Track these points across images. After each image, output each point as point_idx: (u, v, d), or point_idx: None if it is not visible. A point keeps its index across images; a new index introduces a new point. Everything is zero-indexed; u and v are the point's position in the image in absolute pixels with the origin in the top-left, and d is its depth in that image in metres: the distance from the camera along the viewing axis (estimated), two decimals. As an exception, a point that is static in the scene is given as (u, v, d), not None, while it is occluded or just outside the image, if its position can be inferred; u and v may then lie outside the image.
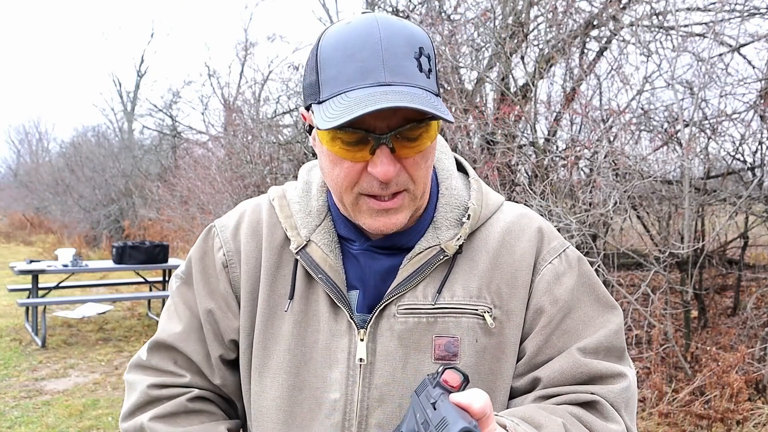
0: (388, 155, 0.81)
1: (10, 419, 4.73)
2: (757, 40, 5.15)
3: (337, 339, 0.91)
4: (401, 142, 0.82)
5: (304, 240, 0.94)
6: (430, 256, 0.91)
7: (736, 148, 5.72)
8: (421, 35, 0.84)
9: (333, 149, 0.83)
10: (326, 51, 0.82)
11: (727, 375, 4.13)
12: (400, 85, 0.78)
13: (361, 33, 0.80)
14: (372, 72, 0.78)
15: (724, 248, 6.45)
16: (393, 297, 0.90)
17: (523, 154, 5.69)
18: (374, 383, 0.89)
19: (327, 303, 0.92)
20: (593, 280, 0.96)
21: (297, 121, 8.82)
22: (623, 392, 0.89)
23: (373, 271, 0.93)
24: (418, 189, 0.87)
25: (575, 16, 5.79)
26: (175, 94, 18.35)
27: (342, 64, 0.80)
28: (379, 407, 0.88)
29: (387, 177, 0.81)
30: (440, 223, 0.94)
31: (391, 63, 0.79)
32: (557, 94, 6.04)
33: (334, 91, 0.80)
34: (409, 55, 0.81)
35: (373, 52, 0.79)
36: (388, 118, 0.80)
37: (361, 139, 0.81)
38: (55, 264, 7.41)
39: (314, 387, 0.91)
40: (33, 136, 34.77)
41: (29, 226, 21.91)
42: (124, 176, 16.48)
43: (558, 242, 0.97)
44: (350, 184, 0.85)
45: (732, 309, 5.98)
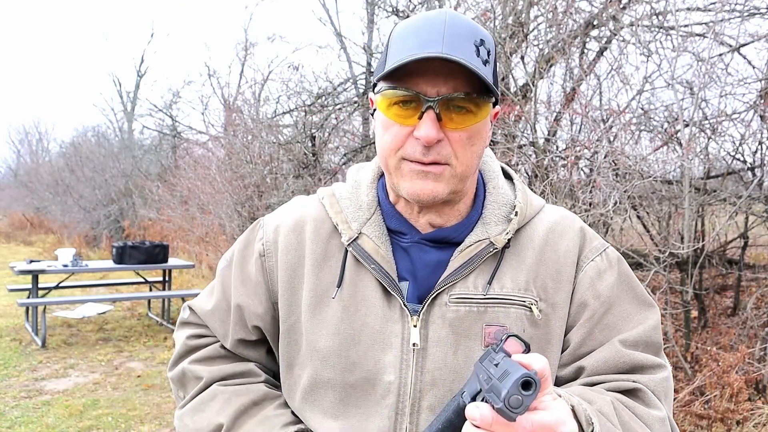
0: (433, 120, 0.87)
1: (10, 419, 4.73)
2: (757, 40, 5.16)
3: (391, 324, 0.94)
4: (449, 114, 0.88)
5: (355, 233, 0.98)
6: (480, 248, 0.96)
7: (736, 148, 5.72)
8: (487, 35, 0.91)
9: (387, 113, 0.90)
10: (396, 32, 0.92)
11: (727, 375, 4.13)
12: (455, 57, 0.84)
13: (429, 18, 0.89)
14: (431, 44, 0.85)
15: (724, 248, 6.45)
16: (445, 286, 0.94)
17: (523, 154, 5.69)
18: (426, 367, 0.92)
19: (378, 290, 0.96)
20: (632, 278, 1.01)
21: (297, 121, 8.82)
22: (663, 381, 0.93)
23: (423, 263, 0.97)
24: (459, 167, 0.91)
25: (575, 16, 5.79)
26: (175, 94, 18.40)
27: (406, 38, 0.88)
28: (431, 390, 0.92)
29: (429, 139, 0.86)
30: (489, 219, 0.99)
31: (450, 40, 0.85)
32: (557, 94, 6.05)
33: (395, 59, 0.87)
34: (469, 39, 0.87)
35: (435, 29, 0.86)
36: (438, 86, 0.86)
37: (413, 103, 0.88)
38: (55, 264, 7.41)
39: (366, 368, 0.94)
40: (33, 136, 34.78)
41: (29, 226, 21.92)
42: (124, 176, 16.48)
43: (599, 242, 1.03)
44: (396, 147, 0.91)
45: (732, 309, 5.98)
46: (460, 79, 0.87)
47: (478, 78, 0.86)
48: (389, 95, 0.89)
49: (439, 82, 0.86)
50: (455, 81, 0.87)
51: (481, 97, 0.88)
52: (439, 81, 0.86)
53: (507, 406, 0.57)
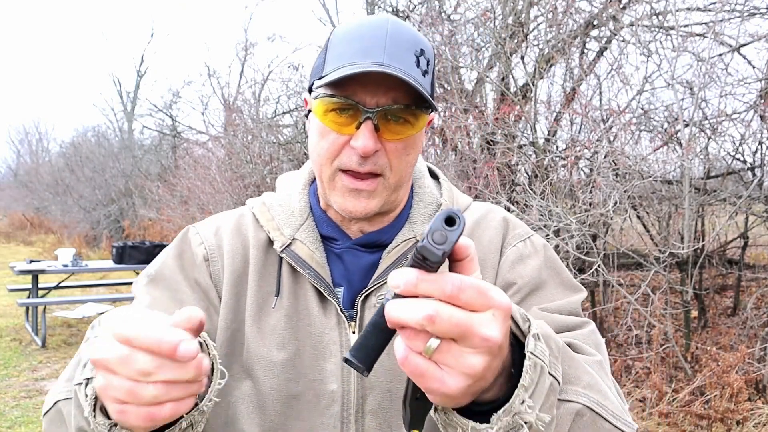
0: (371, 131, 0.86)
1: (10, 419, 4.73)
2: (757, 40, 5.15)
3: (329, 332, 0.93)
4: (387, 124, 0.88)
5: (288, 239, 0.97)
6: (407, 248, 0.96)
7: (736, 148, 5.72)
8: (427, 44, 0.92)
9: (324, 120, 0.89)
10: (336, 36, 0.92)
11: (727, 375, 4.13)
12: (395, 68, 0.84)
13: (372, 24, 0.89)
14: (372, 52, 0.86)
15: (724, 248, 6.45)
16: (372, 288, 0.94)
17: (523, 154, 5.69)
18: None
19: (316, 298, 0.95)
20: (558, 264, 1.01)
21: (297, 121, 8.82)
22: (591, 334, 0.91)
23: (357, 269, 0.97)
24: (393, 178, 0.91)
25: (575, 16, 5.79)
26: (175, 94, 18.37)
27: (347, 44, 0.88)
28: (371, 395, 0.91)
29: (366, 150, 0.86)
30: (415, 218, 0.99)
31: (392, 50, 0.86)
32: (557, 94, 6.05)
33: (336, 66, 0.87)
34: (410, 50, 0.88)
35: (377, 37, 0.87)
36: (377, 96, 0.86)
37: (351, 111, 0.87)
38: (55, 264, 7.41)
39: (310, 379, 0.93)
40: (33, 136, 34.79)
41: (29, 226, 21.92)
42: (124, 176, 16.49)
43: (523, 229, 1.03)
44: (332, 155, 0.90)
45: (732, 309, 5.98)
46: (399, 90, 0.87)
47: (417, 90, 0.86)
48: (327, 102, 0.88)
49: (379, 92, 0.86)
50: (395, 92, 0.86)
51: (419, 109, 0.88)
52: (379, 92, 0.86)
53: (430, 242, 0.53)
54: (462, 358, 0.55)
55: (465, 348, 0.55)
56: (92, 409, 0.67)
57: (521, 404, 0.62)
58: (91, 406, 0.67)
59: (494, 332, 0.54)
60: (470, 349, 0.55)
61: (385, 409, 0.91)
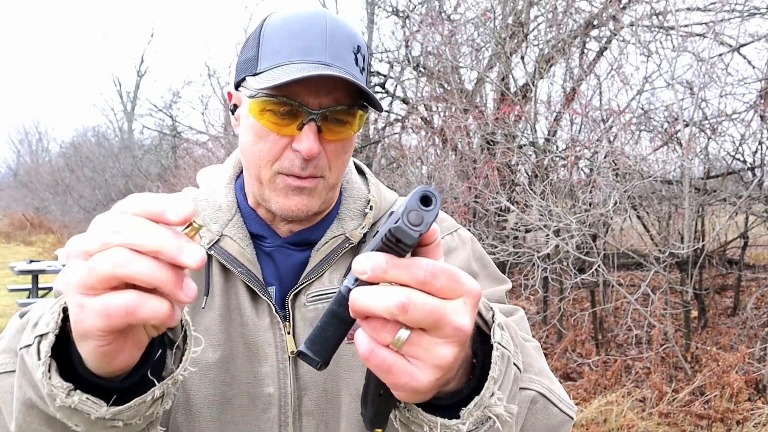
0: (315, 133, 0.84)
1: (10, 419, 4.74)
2: (757, 40, 5.16)
3: (263, 333, 0.90)
4: (328, 125, 0.85)
5: (216, 234, 0.92)
6: (336, 244, 0.94)
7: (736, 148, 5.72)
8: (361, 38, 0.91)
9: (261, 121, 0.85)
10: (270, 28, 0.87)
11: (727, 375, 4.13)
12: (339, 68, 0.83)
13: (308, 17, 0.86)
14: (314, 51, 0.83)
15: (724, 248, 6.45)
16: (301, 287, 0.91)
17: (523, 154, 5.69)
18: (299, 373, 0.89)
19: (248, 297, 0.91)
20: (485, 257, 1.01)
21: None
22: (522, 320, 0.92)
23: (287, 267, 0.94)
24: (332, 178, 0.90)
25: (575, 16, 5.80)
26: (175, 94, 18.40)
27: (285, 39, 0.85)
28: (306, 395, 0.89)
29: (311, 153, 0.84)
30: (344, 215, 0.97)
31: (333, 48, 0.84)
32: (557, 94, 6.05)
33: (274, 63, 0.84)
34: (349, 48, 0.87)
35: (317, 34, 0.84)
36: (320, 97, 0.84)
37: (291, 112, 0.84)
38: (55, 264, 7.42)
39: (245, 382, 0.89)
40: (33, 136, 34.84)
41: (29, 226, 21.92)
42: (124, 176, 16.50)
43: (450, 223, 1.03)
44: (272, 158, 0.87)
45: (732, 309, 5.98)
46: (341, 90, 0.85)
47: (358, 89, 0.85)
48: (265, 102, 0.84)
49: (321, 93, 0.84)
50: (337, 93, 0.85)
51: (359, 108, 0.87)
52: (321, 92, 0.84)
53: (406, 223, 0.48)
54: (434, 350, 0.51)
55: (436, 338, 0.51)
56: (47, 369, 0.57)
57: (491, 397, 0.60)
58: (45, 366, 0.57)
59: (466, 321, 0.51)
60: (442, 340, 0.51)
61: (321, 409, 0.89)
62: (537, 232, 5.38)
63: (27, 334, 0.63)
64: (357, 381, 0.89)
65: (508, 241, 4.99)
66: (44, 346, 0.57)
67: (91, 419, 0.57)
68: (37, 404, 0.62)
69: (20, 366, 0.63)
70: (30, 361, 0.60)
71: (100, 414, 0.57)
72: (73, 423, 0.59)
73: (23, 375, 0.63)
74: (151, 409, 0.61)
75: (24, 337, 0.63)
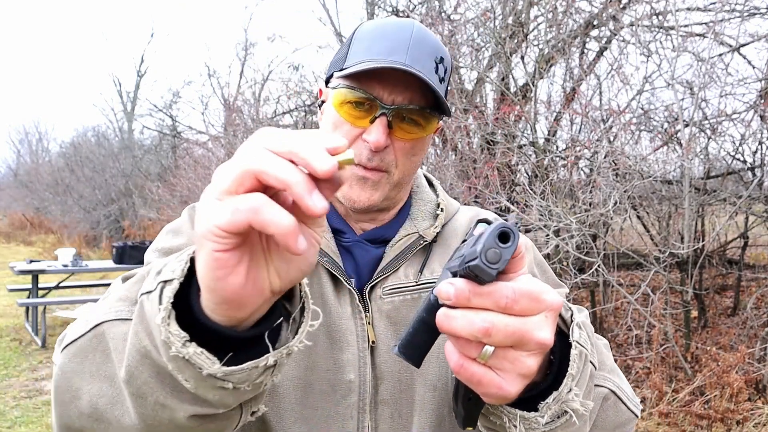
0: (385, 127, 0.89)
1: (10, 419, 4.73)
2: (757, 40, 5.16)
3: (345, 321, 0.93)
4: (400, 123, 0.90)
5: None
6: (411, 241, 0.98)
7: (736, 148, 5.72)
8: (447, 53, 0.96)
9: (340, 111, 0.91)
10: (362, 32, 0.95)
11: (727, 375, 4.13)
12: (417, 71, 0.87)
13: (398, 25, 0.93)
14: (396, 52, 0.89)
15: (724, 248, 6.45)
16: (377, 280, 0.95)
17: (523, 154, 5.69)
18: (377, 362, 0.92)
19: (331, 286, 0.94)
20: (544, 263, 1.07)
21: (297, 121, 8.82)
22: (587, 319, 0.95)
23: (365, 261, 0.98)
24: (397, 175, 0.94)
25: (575, 16, 5.79)
26: (175, 94, 18.40)
27: (372, 41, 0.92)
28: (383, 384, 0.92)
29: (378, 145, 0.88)
30: (416, 215, 1.03)
31: (414, 52, 0.89)
32: (557, 94, 6.05)
33: (359, 60, 0.90)
34: (431, 56, 0.91)
35: (402, 40, 0.90)
36: (395, 94, 0.89)
37: (367, 105, 0.89)
38: (55, 264, 7.41)
39: (324, 368, 0.91)
40: (33, 136, 34.81)
41: (29, 226, 21.92)
42: (124, 176, 16.49)
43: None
44: None
45: (732, 309, 5.98)
46: (416, 91, 0.89)
47: (433, 94, 0.89)
48: (345, 93, 0.90)
49: (396, 90, 0.89)
50: (411, 93, 0.89)
51: (432, 112, 0.91)
52: (396, 90, 0.89)
53: (484, 261, 0.51)
54: (518, 362, 0.55)
55: (521, 352, 0.55)
56: (167, 315, 0.55)
57: (568, 393, 0.64)
58: (166, 311, 0.55)
59: (547, 334, 0.55)
60: (526, 353, 0.55)
61: (395, 398, 0.92)
62: (537, 232, 5.38)
63: (149, 282, 0.61)
64: (431, 372, 0.93)
65: (508, 241, 4.98)
66: (167, 291, 0.56)
67: (202, 375, 0.56)
68: (151, 353, 0.60)
69: (138, 312, 0.61)
70: (150, 307, 0.59)
71: (212, 371, 0.55)
72: (183, 377, 0.57)
73: (140, 322, 0.61)
74: (262, 377, 0.59)
75: (146, 284, 0.62)
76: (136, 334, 0.61)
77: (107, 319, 0.70)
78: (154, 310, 0.57)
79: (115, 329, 0.69)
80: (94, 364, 0.70)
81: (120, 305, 0.71)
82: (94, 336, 0.70)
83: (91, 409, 0.69)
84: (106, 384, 0.69)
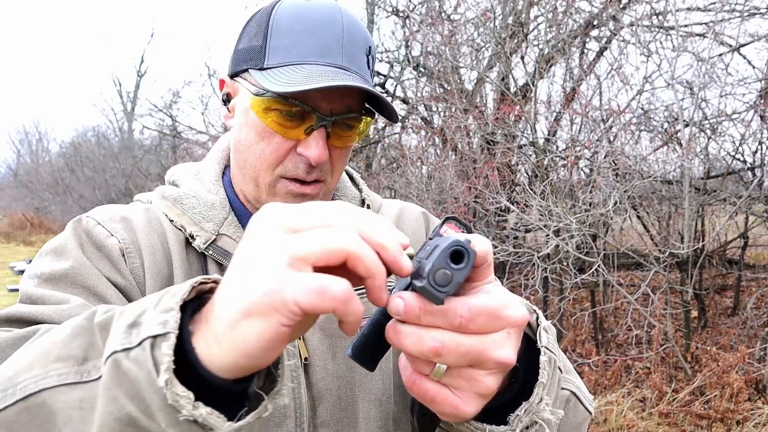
0: (324, 138, 0.81)
1: (10, 419, 4.73)
2: (757, 40, 5.16)
3: None
4: (337, 131, 0.82)
5: (212, 234, 0.85)
6: None
7: (736, 148, 5.72)
8: (371, 38, 0.88)
9: (265, 120, 0.80)
10: (282, 20, 0.81)
11: (727, 375, 4.13)
12: (354, 73, 0.81)
13: (324, 13, 0.81)
14: (330, 52, 0.80)
15: (724, 248, 6.45)
16: None
17: (523, 154, 5.69)
18: (312, 381, 0.83)
19: None
20: None
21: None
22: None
23: None
24: (333, 183, 0.88)
25: (575, 16, 5.80)
26: (175, 94, 18.40)
27: (299, 35, 0.80)
28: (321, 405, 0.83)
29: (320, 160, 0.80)
30: None
31: (349, 50, 0.81)
32: (557, 94, 6.05)
33: (287, 60, 0.79)
34: (363, 49, 0.84)
35: (334, 34, 0.80)
36: (333, 103, 0.80)
37: (301, 115, 0.80)
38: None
39: None
40: (33, 136, 34.85)
41: (29, 226, 21.92)
42: (124, 176, 16.51)
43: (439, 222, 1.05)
44: (275, 162, 0.82)
45: (732, 309, 5.98)
46: (353, 96, 0.82)
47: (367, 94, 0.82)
48: (273, 102, 0.79)
49: (334, 99, 0.80)
50: (349, 99, 0.81)
51: (367, 115, 0.84)
52: (334, 98, 0.80)
53: (432, 284, 0.46)
54: (475, 381, 0.51)
55: (478, 371, 0.51)
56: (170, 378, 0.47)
57: (539, 403, 0.59)
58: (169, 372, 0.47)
59: (508, 353, 0.50)
60: (484, 371, 0.51)
61: (336, 418, 0.84)
62: (537, 232, 5.38)
63: (118, 336, 0.51)
64: (375, 386, 0.86)
65: (508, 241, 4.99)
66: (164, 348, 0.48)
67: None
68: (138, 421, 0.50)
69: (113, 375, 0.50)
70: (134, 367, 0.49)
71: (224, 430, 0.49)
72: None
73: (118, 385, 0.50)
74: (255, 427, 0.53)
75: (113, 340, 0.51)
76: (114, 400, 0.50)
77: (48, 387, 0.53)
78: (143, 371, 0.49)
79: (63, 397, 0.53)
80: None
81: (60, 366, 0.54)
82: (25, 409, 0.53)
83: None
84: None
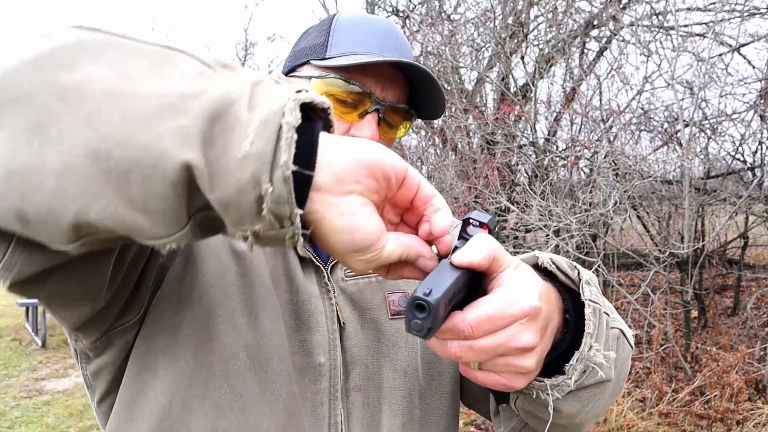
0: (376, 122, 0.85)
1: (10, 419, 4.73)
2: (757, 40, 5.16)
3: (314, 301, 0.85)
4: (385, 124, 0.87)
5: None
6: None
7: (736, 148, 5.72)
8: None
9: None
10: (345, 22, 0.88)
11: (727, 375, 4.13)
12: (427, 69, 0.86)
13: (383, 24, 0.90)
14: (387, 49, 0.86)
15: (724, 248, 6.45)
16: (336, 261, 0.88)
17: (523, 154, 5.69)
18: (346, 345, 0.86)
19: (298, 264, 0.86)
20: None
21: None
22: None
23: None
24: None
25: (575, 16, 5.79)
26: (175, 94, 18.35)
27: (361, 32, 0.87)
28: (354, 370, 0.85)
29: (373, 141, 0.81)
30: None
31: (402, 53, 0.88)
32: (557, 94, 6.05)
33: (348, 50, 0.85)
34: (410, 59, 0.90)
35: (390, 40, 0.88)
36: (386, 91, 0.85)
37: (356, 99, 0.84)
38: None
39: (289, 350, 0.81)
40: (33, 136, 34.82)
41: (29, 226, 21.92)
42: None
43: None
44: None
45: (732, 309, 5.98)
46: (403, 91, 0.87)
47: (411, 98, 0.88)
48: (331, 84, 0.83)
49: (387, 87, 0.85)
50: (400, 92, 0.87)
51: (412, 113, 0.89)
52: (387, 86, 0.85)
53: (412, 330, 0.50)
54: (511, 365, 0.56)
55: (509, 357, 0.56)
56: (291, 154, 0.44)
57: (589, 350, 0.66)
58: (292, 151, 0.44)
59: (528, 338, 0.55)
60: (513, 356, 0.56)
61: (366, 385, 0.85)
62: (537, 232, 5.38)
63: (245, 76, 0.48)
64: (401, 357, 0.88)
65: (508, 241, 4.99)
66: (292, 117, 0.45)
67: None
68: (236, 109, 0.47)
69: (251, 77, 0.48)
70: (271, 88, 0.47)
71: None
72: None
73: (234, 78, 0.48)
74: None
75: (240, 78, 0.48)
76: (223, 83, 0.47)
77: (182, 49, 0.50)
78: (280, 93, 0.46)
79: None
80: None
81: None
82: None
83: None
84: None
